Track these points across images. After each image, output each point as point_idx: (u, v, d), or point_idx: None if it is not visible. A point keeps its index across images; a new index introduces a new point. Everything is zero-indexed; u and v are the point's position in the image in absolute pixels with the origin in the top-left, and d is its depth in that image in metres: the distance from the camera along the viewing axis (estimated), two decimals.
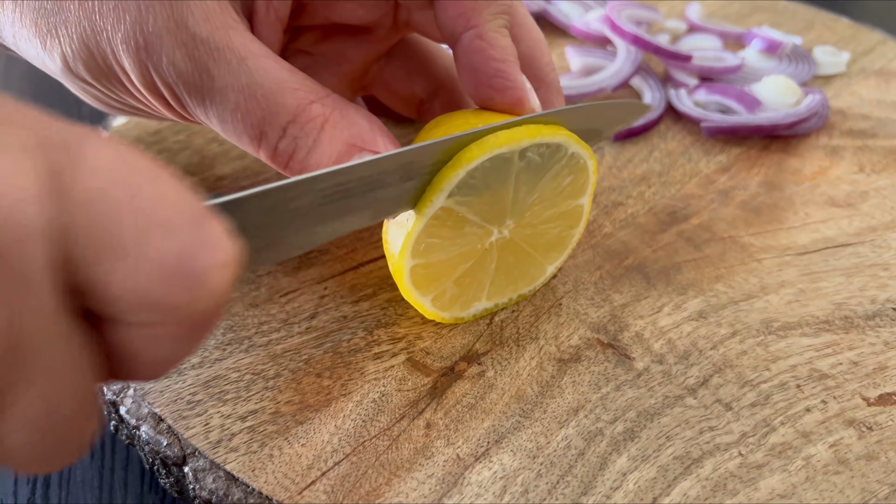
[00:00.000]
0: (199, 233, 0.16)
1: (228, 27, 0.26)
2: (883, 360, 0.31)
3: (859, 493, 0.26)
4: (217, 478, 0.26)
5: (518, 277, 0.32)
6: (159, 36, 0.26)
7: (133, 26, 0.26)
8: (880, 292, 0.34)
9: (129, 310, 0.16)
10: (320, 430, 0.28)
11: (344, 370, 0.30)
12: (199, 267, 0.16)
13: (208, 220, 0.17)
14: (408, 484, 0.26)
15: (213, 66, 0.26)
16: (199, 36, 0.26)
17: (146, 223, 0.15)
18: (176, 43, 0.26)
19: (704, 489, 0.26)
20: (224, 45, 0.26)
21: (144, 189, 0.16)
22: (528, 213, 0.30)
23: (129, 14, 0.26)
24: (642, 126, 0.44)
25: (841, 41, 0.54)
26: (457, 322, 0.32)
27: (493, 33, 0.28)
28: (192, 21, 0.26)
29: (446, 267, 0.29)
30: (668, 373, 0.30)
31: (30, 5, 0.27)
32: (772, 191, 0.40)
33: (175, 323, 0.16)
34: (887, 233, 0.38)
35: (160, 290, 0.16)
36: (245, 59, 0.26)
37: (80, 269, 0.15)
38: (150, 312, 0.16)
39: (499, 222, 0.29)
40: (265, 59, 0.26)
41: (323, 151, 0.27)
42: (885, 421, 0.29)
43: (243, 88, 0.26)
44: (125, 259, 0.15)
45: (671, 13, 0.56)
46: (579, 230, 0.32)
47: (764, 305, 0.33)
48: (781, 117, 0.44)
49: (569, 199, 0.31)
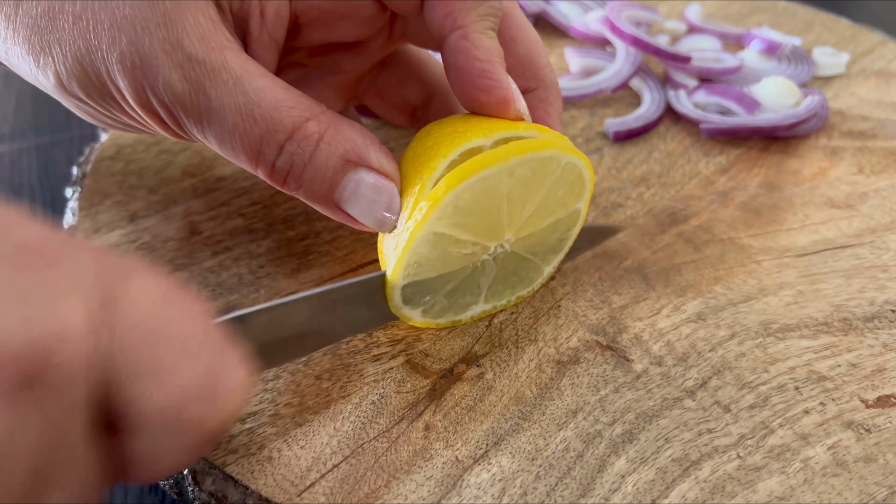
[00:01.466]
0: (222, 361, 0.19)
1: (223, 47, 0.26)
2: (881, 362, 0.31)
3: (857, 495, 0.26)
4: (216, 480, 0.26)
5: (516, 282, 0.32)
6: (155, 56, 0.26)
7: (128, 46, 0.26)
8: (879, 294, 0.34)
9: (155, 425, 0.18)
10: (319, 432, 0.28)
11: (343, 372, 0.30)
12: (220, 392, 0.19)
13: (228, 348, 0.19)
14: (407, 486, 0.26)
15: (210, 87, 0.26)
16: (194, 56, 0.26)
17: (178, 350, 0.18)
18: (172, 63, 0.26)
19: (703, 491, 0.26)
20: (220, 65, 0.26)
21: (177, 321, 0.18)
22: (527, 226, 0.30)
23: (125, 34, 0.26)
24: (642, 127, 0.44)
25: (840, 42, 0.54)
26: (454, 325, 0.32)
27: (478, 34, 0.29)
28: (187, 41, 0.26)
29: (440, 282, 0.29)
30: (667, 375, 0.30)
31: (23, 22, 0.27)
32: (771, 192, 0.40)
33: (190, 437, 0.19)
34: (886, 234, 0.38)
35: (186, 410, 0.18)
36: (241, 78, 0.26)
37: (118, 389, 0.17)
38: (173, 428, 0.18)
39: (496, 237, 0.29)
40: (261, 78, 0.27)
41: (318, 167, 0.27)
42: (884, 423, 0.29)
43: (240, 108, 0.26)
44: (159, 381, 0.18)
45: (671, 14, 0.56)
46: (576, 230, 0.32)
47: (763, 307, 0.33)
48: (781, 118, 0.44)
49: (566, 206, 0.31)
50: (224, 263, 0.34)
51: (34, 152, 0.51)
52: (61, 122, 0.53)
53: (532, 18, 0.55)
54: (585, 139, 0.44)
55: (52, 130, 0.53)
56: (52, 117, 0.54)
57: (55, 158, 0.50)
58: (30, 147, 0.51)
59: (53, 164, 0.50)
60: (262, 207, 0.37)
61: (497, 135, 0.28)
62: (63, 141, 0.52)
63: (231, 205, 0.37)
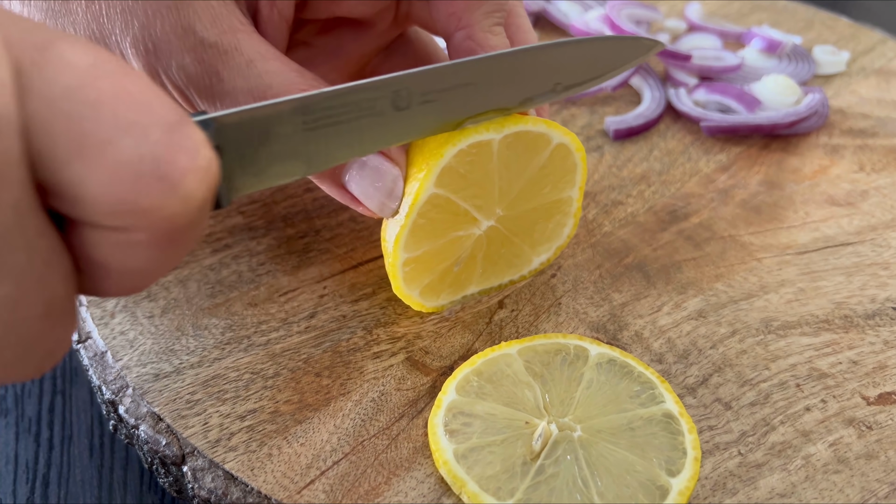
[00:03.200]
0: (174, 137, 0.16)
1: (236, 29, 0.27)
2: (883, 360, 0.31)
3: (859, 491, 0.26)
4: (216, 477, 0.26)
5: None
6: (168, 41, 0.26)
7: (141, 31, 0.26)
8: (880, 291, 0.34)
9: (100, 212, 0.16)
10: (319, 429, 0.28)
11: (343, 369, 0.30)
12: (173, 170, 0.16)
13: (185, 125, 0.16)
14: (407, 483, 0.26)
15: (223, 69, 0.26)
16: (207, 40, 0.26)
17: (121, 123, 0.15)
18: (185, 47, 0.26)
19: (704, 488, 0.26)
20: (232, 47, 0.26)
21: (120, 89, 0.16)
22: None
23: (137, 18, 0.26)
24: (642, 125, 0.44)
25: (841, 40, 0.54)
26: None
27: (483, 33, 0.29)
28: (199, 25, 0.26)
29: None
30: (668, 372, 0.30)
31: (38, 5, 0.27)
32: (772, 190, 0.40)
33: (147, 229, 0.16)
34: (887, 232, 0.38)
35: (132, 192, 0.16)
36: (253, 61, 0.26)
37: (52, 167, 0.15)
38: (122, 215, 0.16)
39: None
40: (273, 60, 0.27)
41: None
42: (885, 420, 0.29)
43: (253, 90, 0.26)
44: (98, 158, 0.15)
45: (671, 13, 0.56)
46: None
47: (764, 304, 0.33)
48: (781, 116, 0.44)
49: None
50: (224, 261, 0.34)
51: None
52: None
53: (532, 17, 0.55)
54: (586, 137, 0.43)
55: None
56: None
57: None
58: None
59: None
60: (261, 205, 0.37)
61: (507, 129, 0.28)
62: None
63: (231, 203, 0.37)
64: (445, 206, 0.28)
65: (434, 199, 0.28)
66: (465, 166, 0.28)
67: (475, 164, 0.28)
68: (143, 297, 0.32)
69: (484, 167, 0.29)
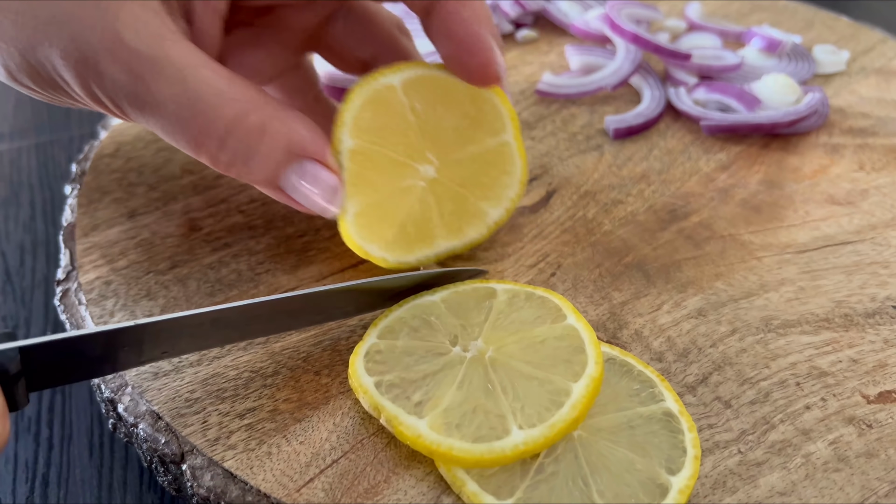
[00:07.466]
0: None
1: (164, 38, 0.26)
2: (883, 358, 0.31)
3: (859, 490, 0.26)
4: (215, 475, 0.26)
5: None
6: (96, 51, 0.26)
7: (70, 42, 0.26)
8: (880, 290, 0.34)
9: None
10: (319, 427, 0.28)
11: (342, 368, 0.30)
12: None
13: None
14: (406, 481, 0.26)
15: (151, 79, 0.26)
16: (135, 49, 0.26)
17: None
18: (113, 57, 0.26)
19: (704, 486, 0.26)
20: (161, 56, 0.26)
21: None
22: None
23: (65, 29, 0.26)
24: (642, 124, 0.44)
25: (841, 40, 0.54)
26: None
27: None
28: (127, 34, 0.26)
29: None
30: (668, 370, 0.30)
31: None
32: (772, 189, 0.40)
33: None
34: (887, 231, 0.38)
35: None
36: (183, 70, 0.26)
37: None
38: None
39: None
40: (203, 69, 0.26)
41: (261, 160, 0.27)
42: (885, 418, 0.29)
43: (180, 99, 0.26)
44: None
45: (671, 12, 0.56)
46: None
47: (764, 303, 0.33)
48: (781, 116, 0.44)
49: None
50: (223, 260, 0.34)
51: (34, 151, 0.51)
52: (61, 121, 0.53)
53: (532, 17, 0.55)
54: (586, 136, 0.43)
55: (52, 129, 0.53)
56: (52, 116, 0.54)
57: (55, 156, 0.50)
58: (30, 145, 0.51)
59: (53, 162, 0.50)
60: (261, 204, 0.37)
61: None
62: (63, 139, 0.52)
63: (230, 202, 0.37)
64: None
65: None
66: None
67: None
68: (143, 295, 0.32)
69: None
